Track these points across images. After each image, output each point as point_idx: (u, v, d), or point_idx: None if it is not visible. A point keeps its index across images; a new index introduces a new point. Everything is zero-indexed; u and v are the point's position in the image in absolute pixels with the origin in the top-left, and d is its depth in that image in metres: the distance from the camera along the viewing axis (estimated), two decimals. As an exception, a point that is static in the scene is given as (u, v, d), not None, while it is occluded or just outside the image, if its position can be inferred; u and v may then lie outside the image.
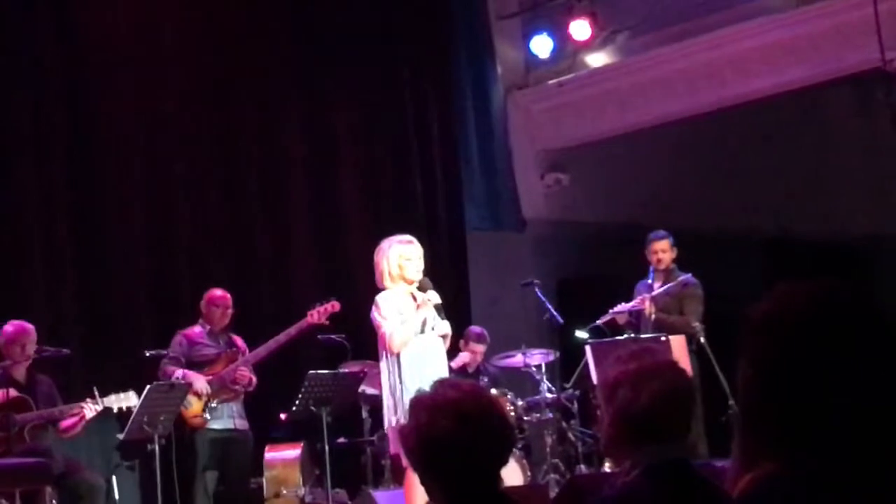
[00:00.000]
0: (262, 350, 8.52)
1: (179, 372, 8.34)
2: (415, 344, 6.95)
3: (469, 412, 2.64)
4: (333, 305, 8.49)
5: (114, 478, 8.69)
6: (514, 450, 8.22)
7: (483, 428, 2.65)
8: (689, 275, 9.13)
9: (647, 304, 8.98)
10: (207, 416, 8.38)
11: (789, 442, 1.61)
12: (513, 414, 9.30)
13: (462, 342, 9.96)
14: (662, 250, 9.19)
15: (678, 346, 8.26)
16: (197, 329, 8.64)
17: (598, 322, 9.10)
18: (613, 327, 9.14)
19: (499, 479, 2.76)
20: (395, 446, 7.00)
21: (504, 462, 2.77)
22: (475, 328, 10.20)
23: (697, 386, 6.92)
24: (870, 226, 12.20)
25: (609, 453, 3.27)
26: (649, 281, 9.17)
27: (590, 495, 5.38)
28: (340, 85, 11.25)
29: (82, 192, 9.68)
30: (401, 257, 6.99)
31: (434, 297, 7.01)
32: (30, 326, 7.86)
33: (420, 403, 2.71)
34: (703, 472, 2.95)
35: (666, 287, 9.08)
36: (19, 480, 6.60)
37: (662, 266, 9.17)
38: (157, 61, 10.22)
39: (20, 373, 7.82)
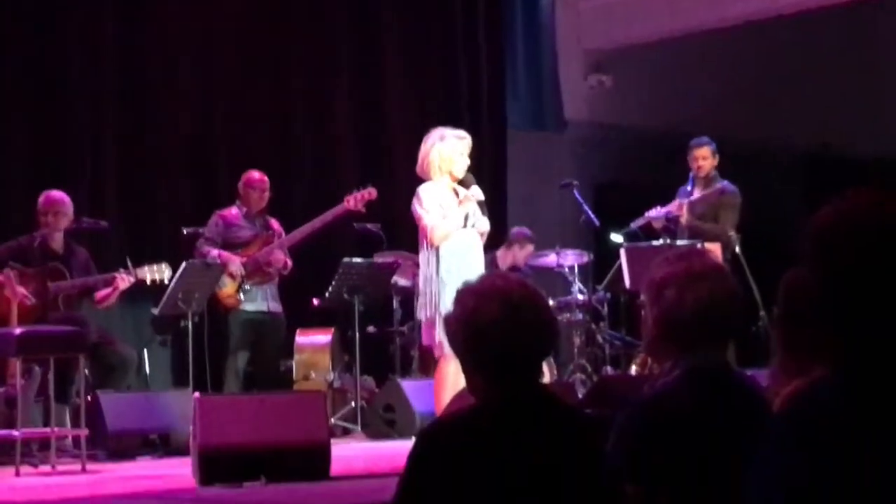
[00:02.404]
0: (298, 234, 8.56)
1: (215, 252, 8.39)
2: (455, 239, 6.92)
3: (515, 301, 2.64)
4: (371, 192, 8.48)
5: (145, 352, 8.80)
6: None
7: (528, 317, 2.65)
8: (727, 182, 9.07)
9: (684, 209, 8.95)
10: (241, 297, 8.45)
11: (848, 346, 1.60)
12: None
13: (506, 243, 9.98)
14: (703, 157, 9.11)
15: (713, 255, 8.22)
16: (234, 210, 8.66)
17: (633, 225, 9.07)
18: (649, 232, 9.11)
19: (540, 370, 2.77)
20: (426, 338, 7.03)
21: (546, 354, 2.77)
22: (524, 229, 10.14)
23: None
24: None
25: (650, 354, 3.27)
26: (689, 188, 9.12)
27: (619, 396, 5.41)
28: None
29: (129, 69, 9.70)
30: (447, 150, 6.92)
31: (478, 193, 6.96)
32: (61, 196, 7.85)
33: (467, 291, 2.70)
34: (744, 378, 2.94)
35: (703, 194, 9.04)
36: (55, 348, 6.67)
37: (703, 173, 9.10)
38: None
39: (57, 242, 7.87)
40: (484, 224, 7.01)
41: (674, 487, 2.57)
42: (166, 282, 7.80)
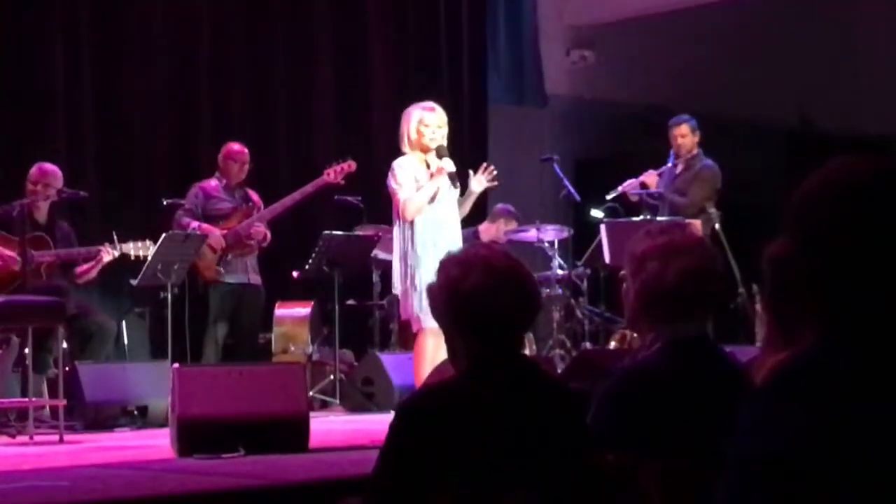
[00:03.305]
0: (278, 206, 8.56)
1: (195, 224, 8.38)
2: (429, 212, 6.92)
3: (499, 270, 2.66)
4: (350, 165, 8.51)
5: (123, 323, 8.79)
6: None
7: (512, 286, 2.66)
8: (710, 160, 9.10)
9: (653, 178, 9.04)
10: (222, 269, 8.44)
11: (830, 313, 1.60)
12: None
13: (491, 217, 10.02)
14: (682, 135, 9.14)
15: (694, 229, 8.26)
16: (213, 182, 8.65)
17: (608, 196, 9.12)
18: (629, 207, 9.14)
19: (522, 341, 2.78)
20: (403, 312, 7.03)
21: (529, 323, 2.78)
22: (508, 206, 10.17)
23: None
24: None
25: (632, 327, 3.28)
26: (670, 164, 9.15)
27: (599, 371, 5.42)
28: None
29: (106, 37, 9.62)
30: (420, 123, 6.92)
31: (448, 165, 6.94)
32: (54, 170, 7.91)
33: (451, 260, 2.71)
34: (723, 351, 2.96)
35: (682, 172, 9.09)
36: (33, 317, 6.64)
37: (683, 151, 9.13)
38: None
39: (41, 214, 7.89)
40: (480, 182, 7.07)
41: (654, 456, 2.58)
42: (149, 258, 7.80)
